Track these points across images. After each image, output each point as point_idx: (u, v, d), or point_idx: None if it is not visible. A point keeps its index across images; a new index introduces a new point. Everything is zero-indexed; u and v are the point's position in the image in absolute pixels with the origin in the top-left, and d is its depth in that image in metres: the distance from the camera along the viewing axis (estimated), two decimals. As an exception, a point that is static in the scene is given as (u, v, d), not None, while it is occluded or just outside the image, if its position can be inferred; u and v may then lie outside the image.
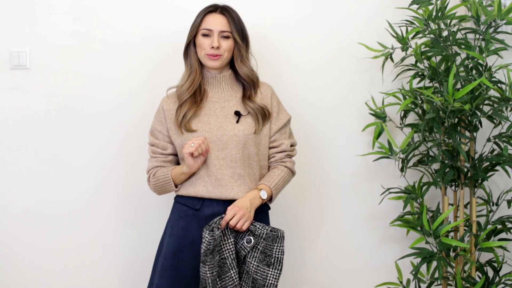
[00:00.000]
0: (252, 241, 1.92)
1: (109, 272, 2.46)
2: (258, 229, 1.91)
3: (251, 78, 2.03)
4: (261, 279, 1.90)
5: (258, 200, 1.95)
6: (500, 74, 2.34)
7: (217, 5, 2.02)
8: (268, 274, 1.90)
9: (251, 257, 1.92)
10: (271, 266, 1.90)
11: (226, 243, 1.90)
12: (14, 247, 2.45)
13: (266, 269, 1.91)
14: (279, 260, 1.91)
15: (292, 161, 2.09)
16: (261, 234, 1.91)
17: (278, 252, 1.91)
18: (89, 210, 2.44)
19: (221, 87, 2.03)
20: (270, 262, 1.90)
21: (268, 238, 1.91)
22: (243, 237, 1.93)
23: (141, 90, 2.41)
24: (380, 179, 2.45)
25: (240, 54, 2.01)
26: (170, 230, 2.01)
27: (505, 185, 2.42)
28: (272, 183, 2.00)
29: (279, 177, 2.02)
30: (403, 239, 2.47)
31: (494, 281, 2.23)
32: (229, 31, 1.98)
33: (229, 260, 1.89)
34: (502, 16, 2.10)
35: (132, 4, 2.40)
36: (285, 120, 2.07)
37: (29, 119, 2.42)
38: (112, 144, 2.42)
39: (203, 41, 1.98)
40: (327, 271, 2.49)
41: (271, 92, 2.08)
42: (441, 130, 2.12)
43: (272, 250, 1.90)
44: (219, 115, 2.00)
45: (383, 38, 2.37)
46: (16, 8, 2.40)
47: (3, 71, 2.41)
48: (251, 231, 1.92)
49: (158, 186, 2.03)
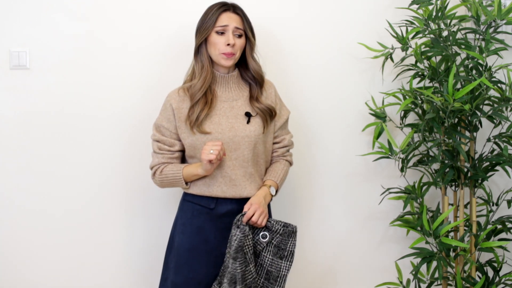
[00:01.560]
0: (268, 236, 1.99)
1: (112, 271, 2.46)
2: (273, 225, 1.99)
3: (259, 74, 2.06)
4: (276, 271, 1.99)
5: (269, 197, 2.04)
6: (500, 74, 2.34)
7: (228, 4, 2.03)
8: (282, 266, 1.99)
9: (266, 251, 2.00)
10: (283, 259, 1.99)
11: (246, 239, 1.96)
12: (15, 248, 2.45)
13: (280, 262, 1.99)
14: (291, 253, 1.99)
15: (291, 153, 2.18)
16: (277, 230, 1.99)
17: (291, 246, 1.99)
18: (90, 210, 2.44)
19: (229, 86, 2.05)
20: (283, 255, 1.99)
21: (284, 234, 1.99)
22: (258, 233, 2.00)
23: (142, 89, 2.41)
24: (380, 179, 2.45)
25: (252, 50, 2.05)
26: (183, 228, 2.03)
27: (505, 185, 2.42)
28: (278, 178, 2.08)
29: (283, 172, 2.10)
30: (403, 239, 2.47)
31: (494, 281, 2.23)
32: (242, 29, 2.00)
33: (249, 255, 1.94)
34: (502, 16, 2.11)
35: (132, 4, 2.40)
36: (286, 116, 2.13)
37: (29, 119, 2.42)
38: (112, 144, 2.42)
39: (217, 39, 1.98)
40: (327, 271, 2.49)
41: (274, 89, 2.12)
42: (441, 130, 2.12)
43: (286, 244, 1.99)
44: (229, 115, 2.01)
45: (383, 38, 2.37)
46: (16, 8, 2.40)
47: (3, 71, 2.41)
48: (267, 226, 2.00)
49: (165, 182, 2.04)
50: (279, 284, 1.99)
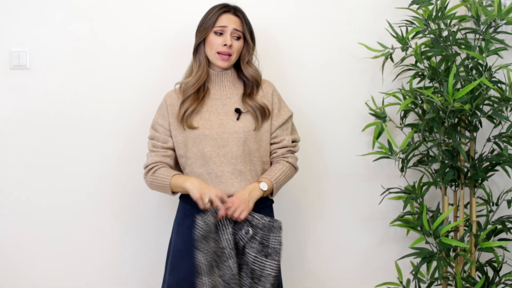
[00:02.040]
0: (250, 231, 1.93)
1: (111, 271, 2.46)
2: (256, 219, 1.93)
3: (255, 78, 2.06)
4: (259, 269, 1.91)
5: (257, 191, 1.96)
6: (500, 74, 2.34)
7: (229, 6, 2.03)
8: (266, 264, 1.91)
9: (249, 247, 1.93)
10: (268, 257, 1.91)
11: (224, 233, 1.91)
12: (15, 247, 2.45)
13: (264, 260, 1.91)
14: (276, 251, 1.91)
15: (294, 156, 2.09)
16: (258, 224, 1.92)
17: (275, 243, 1.91)
18: (90, 210, 2.44)
19: (223, 84, 2.05)
20: (268, 252, 1.91)
21: (264, 228, 1.92)
22: (241, 228, 1.94)
23: (142, 90, 2.41)
24: (380, 179, 2.45)
25: (248, 55, 2.04)
26: (177, 228, 2.04)
27: (505, 185, 2.42)
28: (273, 177, 2.01)
29: (280, 172, 2.04)
30: (403, 239, 2.47)
31: (494, 281, 2.23)
32: (241, 31, 2.01)
33: (227, 249, 1.90)
34: (502, 16, 2.10)
35: (132, 4, 2.40)
36: (286, 117, 2.08)
37: (29, 119, 2.42)
38: (112, 144, 2.42)
39: (215, 39, 1.99)
40: (327, 271, 2.49)
41: (272, 89, 2.10)
42: (441, 130, 2.12)
43: (268, 240, 1.91)
44: (220, 112, 2.01)
45: (383, 38, 2.37)
46: (16, 8, 2.40)
47: (3, 71, 2.41)
48: (249, 221, 1.94)
49: (154, 185, 2.03)
50: (264, 284, 1.91)
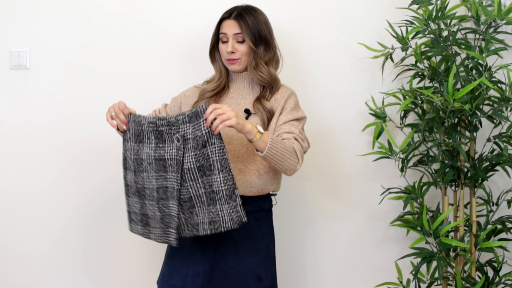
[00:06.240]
0: (178, 134, 1.73)
1: (110, 271, 2.46)
2: (179, 119, 1.72)
3: (267, 82, 2.01)
4: (205, 162, 1.71)
5: (250, 124, 1.77)
6: (500, 74, 2.34)
7: (232, 11, 2.01)
8: (208, 152, 1.72)
9: (188, 152, 1.74)
10: (207, 145, 1.71)
11: (145, 145, 1.80)
12: (15, 248, 2.45)
13: (204, 150, 1.72)
14: (207, 135, 1.69)
15: (299, 144, 1.92)
16: (182, 120, 1.72)
17: (205, 128, 1.70)
18: (91, 210, 2.44)
19: (242, 85, 2.06)
20: (200, 142, 1.71)
21: (190, 118, 1.71)
22: (172, 141, 1.75)
23: (142, 89, 2.41)
24: (380, 179, 2.45)
25: (255, 60, 2.00)
26: None
27: (505, 185, 2.42)
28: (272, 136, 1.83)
29: (280, 142, 1.84)
30: (403, 239, 2.47)
31: (494, 281, 2.23)
32: (240, 33, 1.98)
33: (145, 163, 1.79)
34: (502, 16, 2.11)
35: (132, 4, 2.40)
36: (298, 116, 1.99)
37: (29, 119, 2.42)
38: (112, 144, 2.42)
39: (222, 47, 2.01)
40: (327, 271, 2.49)
41: (288, 95, 2.02)
42: (441, 130, 2.13)
43: (200, 127, 1.71)
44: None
45: (383, 38, 2.37)
46: (16, 8, 2.40)
47: (3, 71, 2.42)
48: (173, 124, 1.74)
49: None
50: (218, 171, 1.70)
